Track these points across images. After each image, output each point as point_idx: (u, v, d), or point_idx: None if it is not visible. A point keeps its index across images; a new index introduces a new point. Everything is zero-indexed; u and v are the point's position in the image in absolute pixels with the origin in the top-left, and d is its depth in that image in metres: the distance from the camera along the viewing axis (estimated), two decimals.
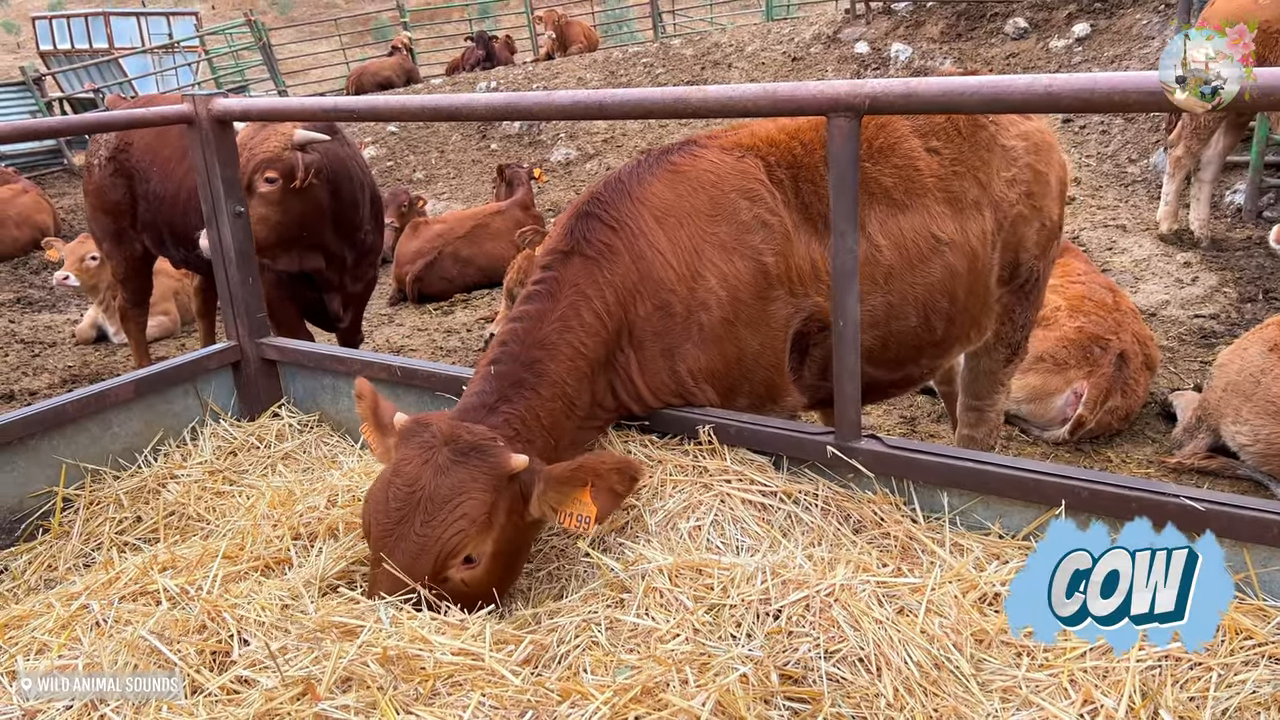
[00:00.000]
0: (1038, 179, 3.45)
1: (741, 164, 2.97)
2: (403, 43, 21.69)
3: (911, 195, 3.15)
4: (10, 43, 55.13)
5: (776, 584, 2.16)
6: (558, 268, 2.80)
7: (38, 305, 10.12)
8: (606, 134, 14.75)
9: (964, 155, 3.28)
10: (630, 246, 2.81)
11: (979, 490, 2.54)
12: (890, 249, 3.08)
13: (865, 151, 3.09)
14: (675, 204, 2.89)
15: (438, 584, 2.36)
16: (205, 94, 3.60)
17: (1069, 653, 2.07)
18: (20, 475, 3.17)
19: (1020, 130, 3.44)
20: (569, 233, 2.85)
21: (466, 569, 2.39)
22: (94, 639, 2.25)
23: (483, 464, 2.40)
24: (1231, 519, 2.21)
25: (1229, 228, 8.55)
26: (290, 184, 4.85)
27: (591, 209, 2.88)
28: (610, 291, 2.76)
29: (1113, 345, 5.15)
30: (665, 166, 2.96)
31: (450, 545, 2.34)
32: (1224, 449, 4.74)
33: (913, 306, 3.17)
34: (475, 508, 2.36)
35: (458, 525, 2.35)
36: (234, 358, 3.80)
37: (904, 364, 3.33)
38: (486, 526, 2.38)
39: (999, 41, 12.90)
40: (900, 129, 3.21)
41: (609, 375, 2.80)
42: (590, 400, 2.76)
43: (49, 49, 26.09)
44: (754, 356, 2.93)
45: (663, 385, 2.83)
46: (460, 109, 3.09)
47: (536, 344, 2.67)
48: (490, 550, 2.42)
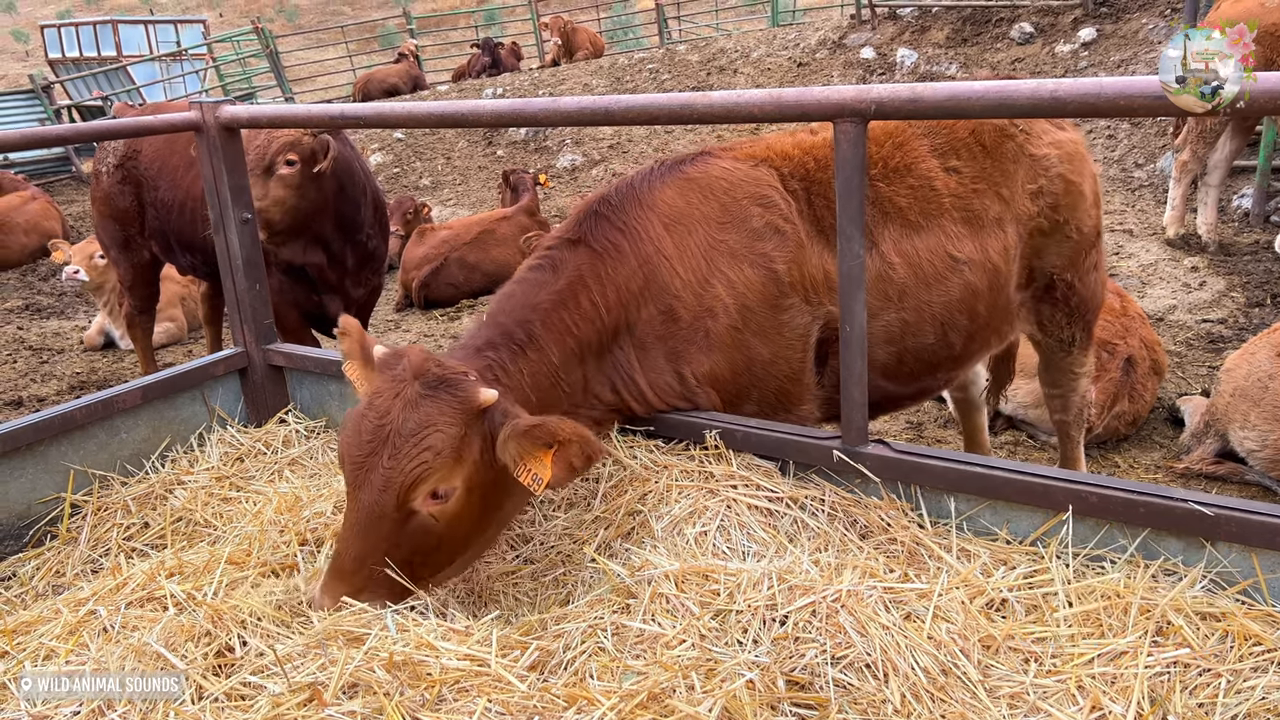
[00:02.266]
0: (1069, 190, 3.42)
1: (755, 172, 2.98)
2: (409, 49, 21.79)
3: (927, 216, 3.13)
4: (19, 51, 55.42)
5: (783, 590, 2.16)
6: (563, 250, 2.82)
7: (46, 312, 10.16)
8: (612, 140, 14.77)
9: (986, 172, 3.25)
10: (637, 250, 2.82)
11: (986, 495, 2.53)
12: (904, 267, 3.07)
13: (880, 171, 3.09)
14: (685, 211, 2.89)
15: (407, 520, 2.35)
16: (213, 101, 3.62)
17: (1077, 659, 2.06)
18: (28, 481, 3.18)
19: (1053, 139, 3.41)
20: (577, 224, 2.87)
21: (435, 504, 2.37)
22: (101, 644, 2.25)
23: (451, 398, 2.38)
24: (1240, 524, 2.20)
25: (1236, 232, 8.53)
26: (310, 169, 4.98)
27: (601, 210, 2.89)
28: (611, 288, 2.77)
29: (1120, 350, 5.13)
30: (677, 174, 2.97)
31: (413, 476, 2.31)
32: (1232, 454, 4.72)
33: (929, 324, 3.16)
34: (440, 440, 2.34)
35: (421, 457, 2.32)
36: (241, 364, 3.81)
37: (920, 378, 3.32)
38: (454, 460, 2.36)
39: (1005, 46, 12.90)
40: (918, 149, 3.19)
41: (607, 370, 2.80)
42: (581, 384, 2.75)
43: (57, 57, 26.23)
44: (764, 364, 2.92)
45: (667, 388, 2.83)
46: (466, 115, 3.10)
47: (531, 307, 2.70)
48: (461, 488, 2.39)
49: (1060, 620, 2.18)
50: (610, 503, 2.67)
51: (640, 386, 2.81)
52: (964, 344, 3.31)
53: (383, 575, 2.35)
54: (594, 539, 2.59)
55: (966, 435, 4.67)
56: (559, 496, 2.76)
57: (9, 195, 13.02)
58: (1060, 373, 3.97)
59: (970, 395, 4.51)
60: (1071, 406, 4.11)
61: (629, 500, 2.63)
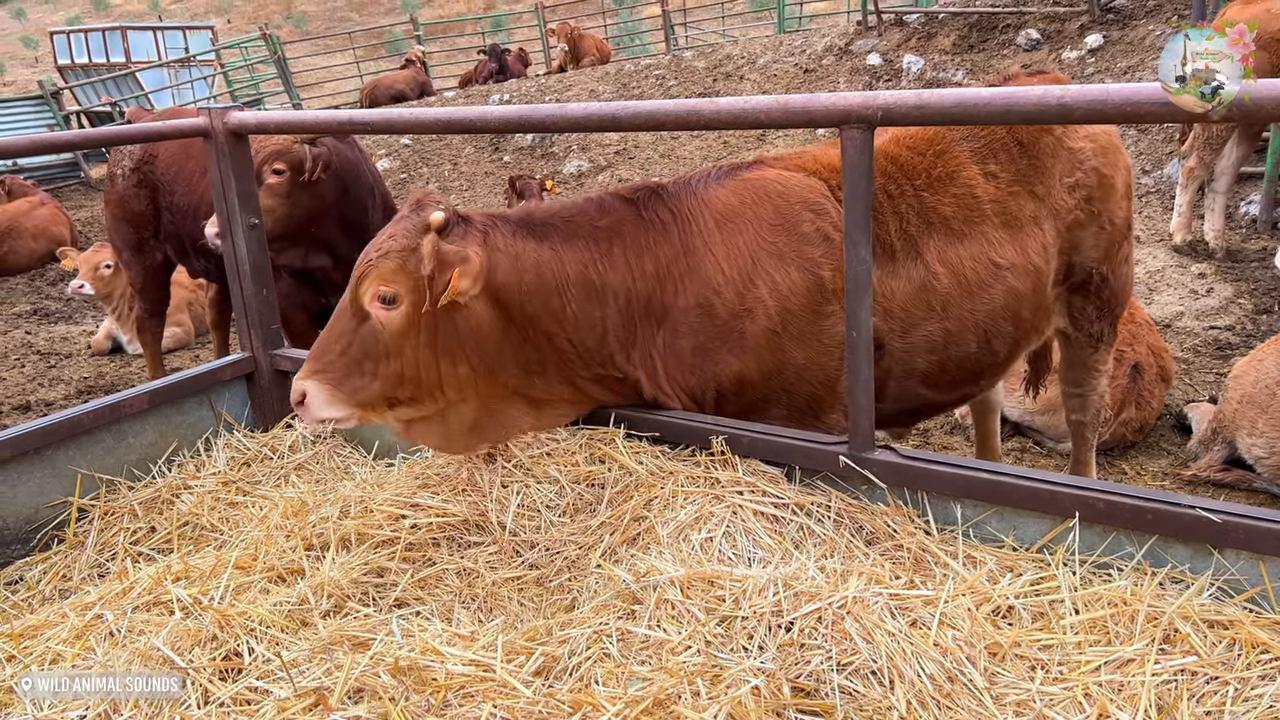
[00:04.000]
0: (1102, 183, 3.42)
1: (809, 180, 3.00)
2: (416, 56, 21.83)
3: (970, 223, 3.13)
4: (29, 57, 55.67)
5: (789, 596, 2.15)
6: (615, 201, 2.94)
7: (54, 317, 10.20)
8: (619, 146, 14.79)
9: (1022, 172, 3.25)
10: (683, 237, 2.87)
11: (993, 501, 2.52)
12: (948, 277, 3.07)
13: (925, 181, 3.10)
14: (738, 210, 2.92)
15: (362, 321, 2.65)
16: (221, 107, 3.63)
17: (1084, 666, 2.06)
18: (36, 485, 3.19)
19: (1088, 132, 3.41)
20: (634, 190, 2.96)
21: (382, 310, 2.62)
22: (107, 649, 2.26)
23: (415, 217, 2.66)
24: (1248, 531, 2.19)
25: (1244, 239, 8.51)
26: (299, 177, 4.92)
27: (658, 190, 2.97)
28: (650, 260, 2.85)
29: (1127, 357, 5.12)
30: (734, 177, 3.01)
31: (360, 271, 2.63)
32: (1240, 461, 4.70)
33: (973, 333, 3.15)
34: (389, 245, 2.62)
35: (368, 256, 2.64)
36: (248, 369, 3.82)
37: (962, 385, 3.32)
38: (397, 267, 2.59)
39: (1011, 53, 12.89)
40: (958, 155, 3.19)
41: (625, 340, 2.85)
42: (586, 323, 2.80)
43: (67, 63, 26.38)
44: (797, 370, 2.92)
45: (682, 378, 2.86)
46: (473, 121, 3.11)
47: (565, 219, 2.86)
48: (406, 303, 2.61)
49: (1067, 627, 2.17)
50: (616, 508, 2.67)
51: (656, 365, 2.86)
52: (1009, 350, 3.32)
53: (339, 365, 2.67)
54: (599, 545, 2.59)
55: (978, 439, 4.66)
56: (564, 502, 2.76)
57: (18, 200, 13.07)
58: (1084, 370, 3.96)
59: (986, 397, 4.49)
60: (1090, 406, 4.10)
61: (634, 506, 2.63)
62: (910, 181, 3.09)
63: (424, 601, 2.53)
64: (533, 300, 2.73)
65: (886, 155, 3.12)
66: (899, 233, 3.02)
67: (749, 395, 2.92)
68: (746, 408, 2.95)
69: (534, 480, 2.79)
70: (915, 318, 3.02)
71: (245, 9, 58.26)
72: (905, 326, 3.02)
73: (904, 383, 3.11)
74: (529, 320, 2.75)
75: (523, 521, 2.72)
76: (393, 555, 2.66)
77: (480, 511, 2.74)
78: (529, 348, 2.77)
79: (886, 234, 2.98)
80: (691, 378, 2.86)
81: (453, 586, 2.61)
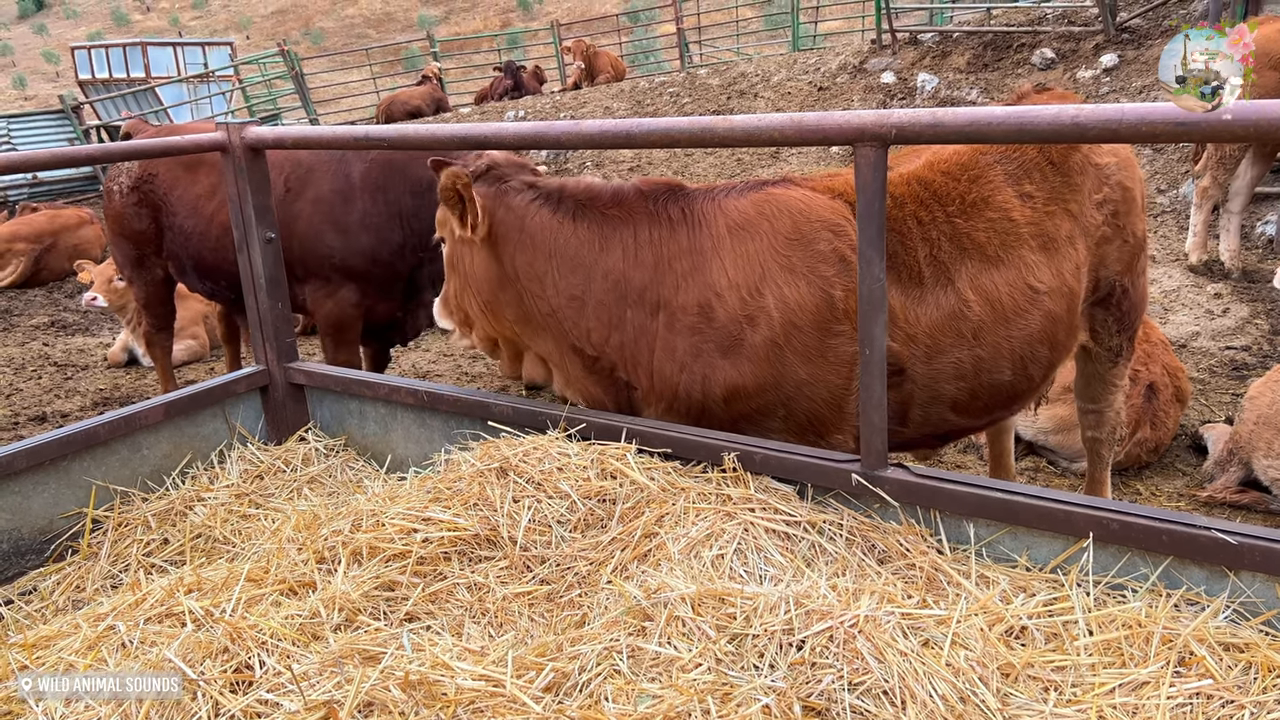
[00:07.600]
0: (1125, 196, 3.42)
1: (832, 202, 2.99)
2: (432, 72, 21.97)
3: (1007, 248, 3.09)
4: (50, 72, 56.31)
5: (800, 614, 2.14)
6: (630, 192, 3.08)
7: (71, 329, 10.28)
8: (633, 162, 14.83)
9: (1057, 190, 3.23)
10: (691, 237, 2.92)
11: (1007, 521, 2.51)
12: (980, 304, 3.03)
13: (958, 207, 3.07)
14: (754, 219, 2.93)
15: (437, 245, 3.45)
16: (238, 122, 3.67)
17: (1098, 688, 2.04)
18: (51, 496, 3.21)
19: (1111, 147, 3.41)
20: (650, 184, 3.09)
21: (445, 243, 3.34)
22: (120, 660, 2.27)
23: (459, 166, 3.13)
24: (1265, 554, 2.17)
25: (1260, 259, 8.47)
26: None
27: (675, 190, 3.07)
28: (650, 251, 2.94)
29: (1142, 377, 5.09)
30: (759, 190, 3.03)
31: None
32: (1256, 483, 4.66)
33: (1007, 360, 3.12)
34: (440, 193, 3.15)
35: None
36: (262, 382, 3.84)
37: (994, 411, 3.30)
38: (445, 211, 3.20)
39: (1026, 72, 12.89)
40: (993, 179, 3.15)
41: (605, 319, 2.99)
42: (566, 291, 3.04)
43: (87, 78, 26.64)
44: (797, 385, 2.91)
45: (671, 374, 2.88)
46: (489, 138, 3.13)
47: (582, 199, 3.09)
48: (449, 240, 3.28)
49: (1081, 649, 2.16)
50: (627, 525, 2.67)
51: (645, 356, 2.94)
52: (1044, 374, 3.30)
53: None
54: (610, 561, 2.58)
55: (992, 459, 4.64)
56: (575, 517, 2.76)
57: (66, 213, 13.10)
58: (1102, 386, 3.95)
59: None
60: (1106, 423, 4.08)
61: (646, 522, 2.62)
62: (943, 208, 3.06)
63: (435, 616, 2.53)
64: (520, 256, 3.08)
65: (920, 181, 3.11)
66: (929, 259, 2.98)
67: (741, 404, 2.91)
68: (737, 417, 2.94)
69: (545, 495, 2.79)
70: (943, 344, 2.99)
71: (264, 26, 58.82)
72: (930, 352, 2.99)
73: (930, 408, 3.08)
74: (516, 274, 3.10)
75: (534, 536, 2.72)
76: (404, 569, 2.66)
77: (491, 526, 2.74)
78: (524, 303, 3.13)
79: (915, 260, 2.96)
80: (681, 375, 2.87)
81: (463, 601, 2.61)
